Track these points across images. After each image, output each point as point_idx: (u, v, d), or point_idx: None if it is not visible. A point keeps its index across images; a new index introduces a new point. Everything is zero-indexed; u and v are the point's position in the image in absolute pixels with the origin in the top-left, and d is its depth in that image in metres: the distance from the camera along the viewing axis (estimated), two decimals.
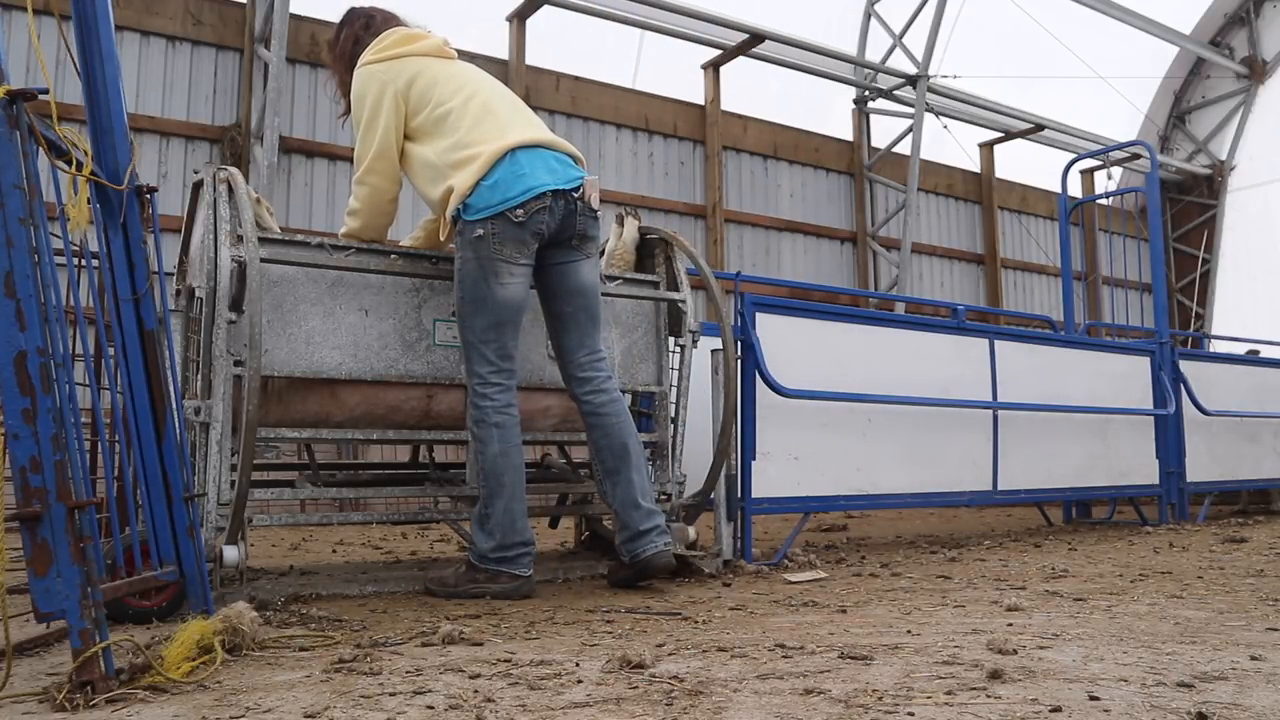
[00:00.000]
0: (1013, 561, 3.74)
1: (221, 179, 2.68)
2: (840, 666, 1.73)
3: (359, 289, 2.90)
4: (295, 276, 2.81)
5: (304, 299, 2.82)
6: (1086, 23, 11.90)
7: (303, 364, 2.79)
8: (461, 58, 3.08)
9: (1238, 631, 2.09)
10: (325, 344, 2.83)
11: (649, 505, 2.93)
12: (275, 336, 2.74)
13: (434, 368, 3.00)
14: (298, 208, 7.93)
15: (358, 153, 2.96)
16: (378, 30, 2.99)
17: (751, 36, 9.73)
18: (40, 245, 1.61)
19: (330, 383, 2.86)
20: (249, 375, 2.45)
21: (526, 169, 2.75)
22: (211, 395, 2.59)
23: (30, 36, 6.22)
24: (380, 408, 2.94)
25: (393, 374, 2.92)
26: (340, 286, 2.88)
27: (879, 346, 4.22)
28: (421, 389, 2.99)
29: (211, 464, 2.56)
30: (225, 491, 2.55)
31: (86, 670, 1.53)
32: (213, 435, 2.56)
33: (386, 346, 2.92)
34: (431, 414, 3.03)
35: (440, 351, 3.01)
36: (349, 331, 2.87)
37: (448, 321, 3.02)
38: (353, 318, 2.88)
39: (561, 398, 3.22)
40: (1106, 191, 12.86)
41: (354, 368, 2.86)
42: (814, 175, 11.18)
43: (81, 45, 1.93)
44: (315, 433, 2.87)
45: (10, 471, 1.54)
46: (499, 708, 1.46)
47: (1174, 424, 5.58)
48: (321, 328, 2.83)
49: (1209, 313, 14.20)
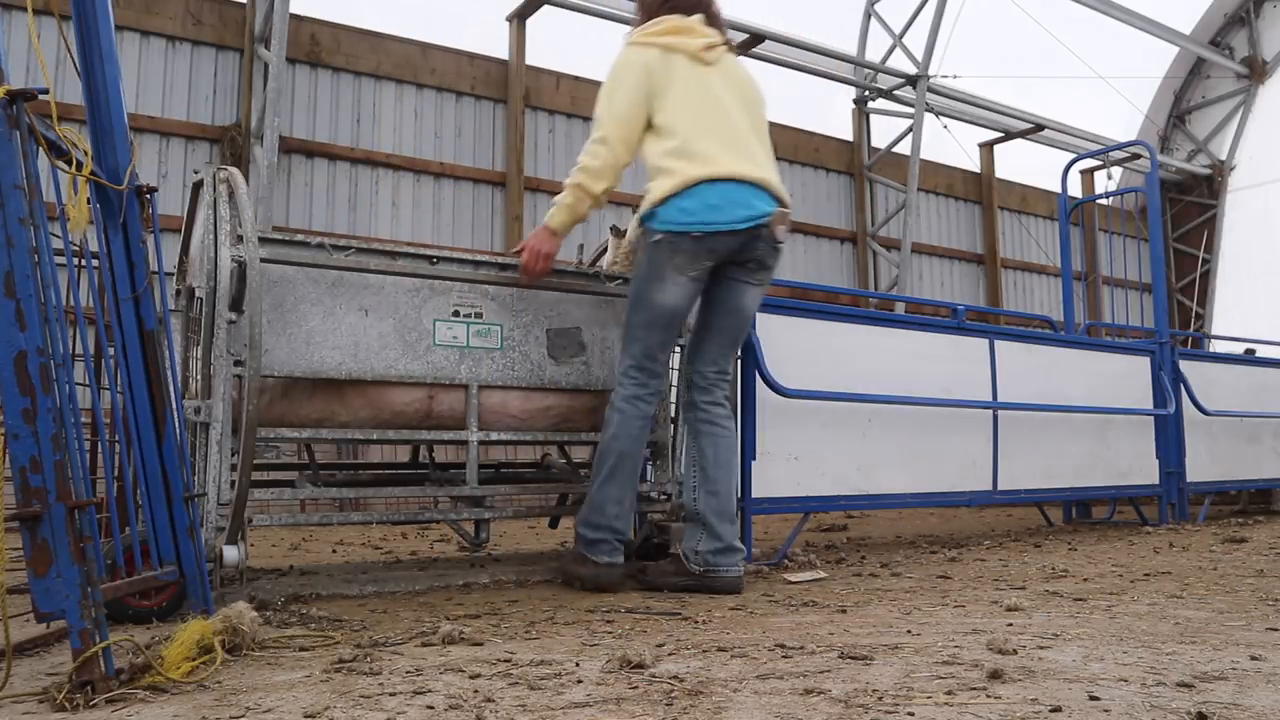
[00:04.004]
0: (1013, 561, 3.74)
1: (222, 179, 2.68)
2: (840, 666, 1.73)
3: (359, 289, 2.90)
4: (295, 277, 2.81)
5: (304, 299, 2.81)
6: (1086, 23, 11.91)
7: (302, 364, 2.79)
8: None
9: (1238, 631, 2.09)
10: (325, 344, 2.82)
11: (736, 525, 3.02)
12: (275, 336, 2.74)
13: (434, 368, 2.99)
14: (298, 208, 7.93)
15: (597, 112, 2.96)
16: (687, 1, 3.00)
17: (751, 36, 9.73)
18: (40, 245, 1.61)
19: (334, 384, 2.86)
20: (249, 375, 2.45)
21: (718, 201, 2.83)
22: (211, 395, 2.59)
23: (30, 36, 6.22)
24: (385, 412, 2.94)
25: (393, 374, 2.92)
26: (340, 287, 2.87)
27: (879, 346, 4.21)
28: (423, 389, 2.99)
29: (211, 464, 2.55)
30: (225, 491, 2.55)
31: (86, 670, 1.53)
32: (213, 435, 2.56)
33: (386, 347, 2.92)
34: (433, 415, 3.03)
35: (440, 352, 3.01)
36: (349, 332, 2.86)
37: (447, 322, 3.02)
38: (352, 318, 2.88)
39: (562, 397, 3.22)
40: (1106, 191, 12.85)
41: (354, 368, 2.86)
42: (814, 175, 11.18)
43: (81, 45, 1.93)
44: (315, 432, 2.87)
45: (10, 471, 1.54)
46: (499, 708, 1.46)
47: (1174, 424, 5.58)
48: (321, 327, 2.83)
49: (1209, 313, 14.20)
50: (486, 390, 3.08)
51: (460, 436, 3.04)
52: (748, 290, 3.01)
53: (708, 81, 2.93)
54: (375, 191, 8.31)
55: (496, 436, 3.11)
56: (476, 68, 8.88)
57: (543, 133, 9.24)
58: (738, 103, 2.98)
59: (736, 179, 2.86)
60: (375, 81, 8.41)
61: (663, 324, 2.91)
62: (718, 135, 2.89)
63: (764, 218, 2.89)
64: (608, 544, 2.92)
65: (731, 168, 2.86)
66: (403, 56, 8.53)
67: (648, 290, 2.89)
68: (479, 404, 3.05)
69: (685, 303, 2.92)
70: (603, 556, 2.91)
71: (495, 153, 8.91)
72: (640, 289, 2.91)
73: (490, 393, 3.09)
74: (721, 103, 2.93)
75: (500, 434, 3.13)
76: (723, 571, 2.91)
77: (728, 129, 2.92)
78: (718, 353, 3.04)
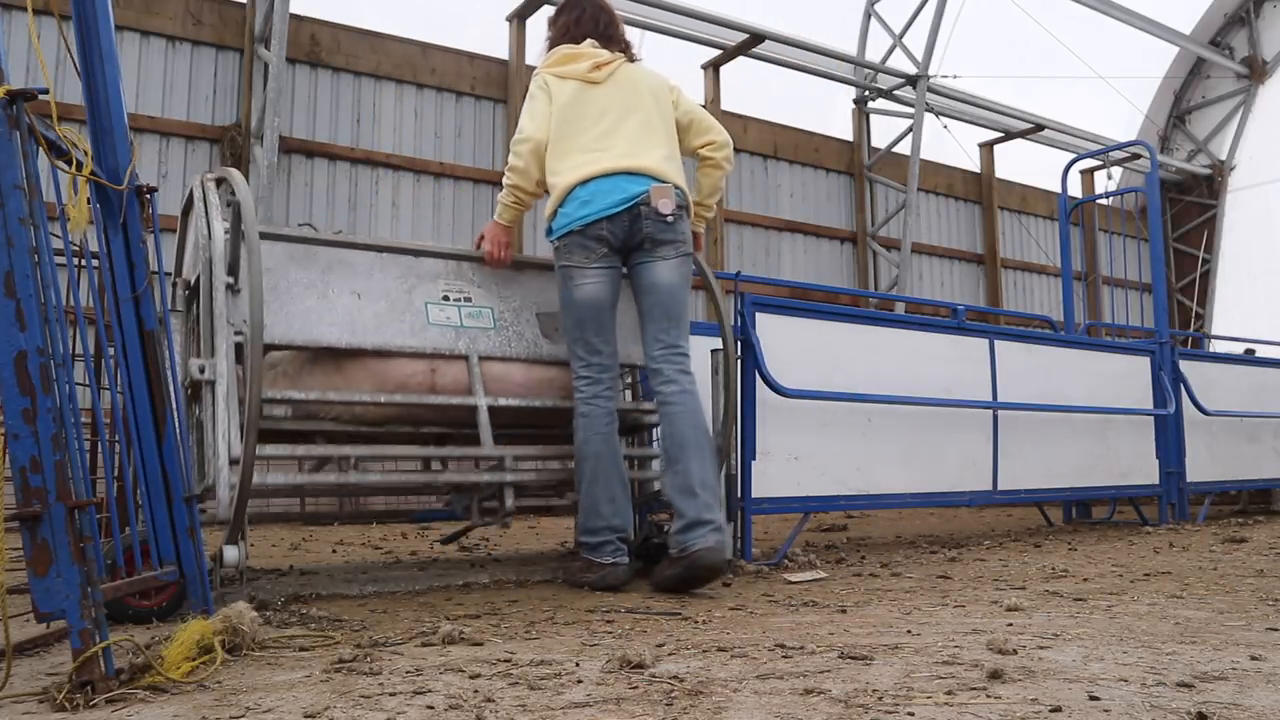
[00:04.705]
0: (1013, 561, 3.74)
1: (209, 178, 2.78)
2: (840, 666, 1.73)
3: (349, 275, 2.98)
4: (286, 263, 2.87)
5: (296, 283, 2.88)
6: (1086, 23, 11.90)
7: (300, 337, 2.82)
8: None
9: (1238, 631, 2.09)
10: (322, 321, 2.87)
11: (707, 497, 2.86)
12: (272, 315, 2.75)
13: (432, 342, 3.02)
14: (297, 208, 7.93)
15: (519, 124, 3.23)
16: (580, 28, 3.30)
17: (751, 36, 9.73)
18: (40, 245, 1.61)
19: (334, 359, 2.88)
20: (250, 374, 2.45)
21: (589, 196, 3.01)
22: (215, 354, 2.59)
23: (30, 36, 6.22)
24: (389, 385, 2.92)
25: (392, 346, 2.94)
26: (331, 273, 2.95)
27: (879, 346, 4.21)
28: (424, 361, 3.00)
29: (220, 420, 2.54)
30: (235, 445, 2.53)
31: (86, 670, 1.53)
32: (219, 391, 2.56)
33: (382, 325, 2.96)
34: (436, 388, 3.01)
35: (436, 329, 3.05)
36: (344, 311, 2.92)
37: (439, 305, 3.09)
38: (346, 299, 2.94)
39: (563, 371, 3.23)
40: (1106, 191, 12.85)
41: (352, 340, 2.89)
42: (814, 175, 11.18)
43: (81, 45, 1.93)
44: (322, 394, 2.82)
45: (10, 471, 1.54)
46: (499, 708, 1.46)
47: (1174, 424, 5.58)
48: (317, 307, 2.88)
49: (1209, 312, 14.20)
50: (488, 362, 3.09)
51: (467, 401, 2.99)
52: (655, 266, 3.07)
53: (590, 96, 3.14)
54: (375, 191, 8.31)
55: (504, 402, 3.06)
56: (476, 68, 8.88)
57: None
58: (627, 107, 3.14)
59: (607, 174, 3.03)
60: (375, 81, 8.41)
61: (590, 316, 3.04)
62: (593, 144, 3.08)
63: (637, 197, 3.01)
64: (610, 544, 2.94)
65: (600, 166, 3.03)
66: (403, 56, 8.53)
67: (566, 293, 3.07)
68: (482, 374, 3.05)
69: (602, 291, 3.04)
70: (607, 557, 2.92)
71: (495, 153, 8.91)
72: (563, 296, 3.10)
73: (491, 364, 3.10)
74: (604, 114, 3.12)
75: (507, 400, 3.08)
76: (691, 545, 2.77)
77: (605, 137, 3.09)
78: (655, 331, 3.08)
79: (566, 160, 3.08)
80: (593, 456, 2.97)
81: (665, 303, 3.09)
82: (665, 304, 3.09)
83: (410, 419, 3.03)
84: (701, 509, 2.83)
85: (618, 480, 2.98)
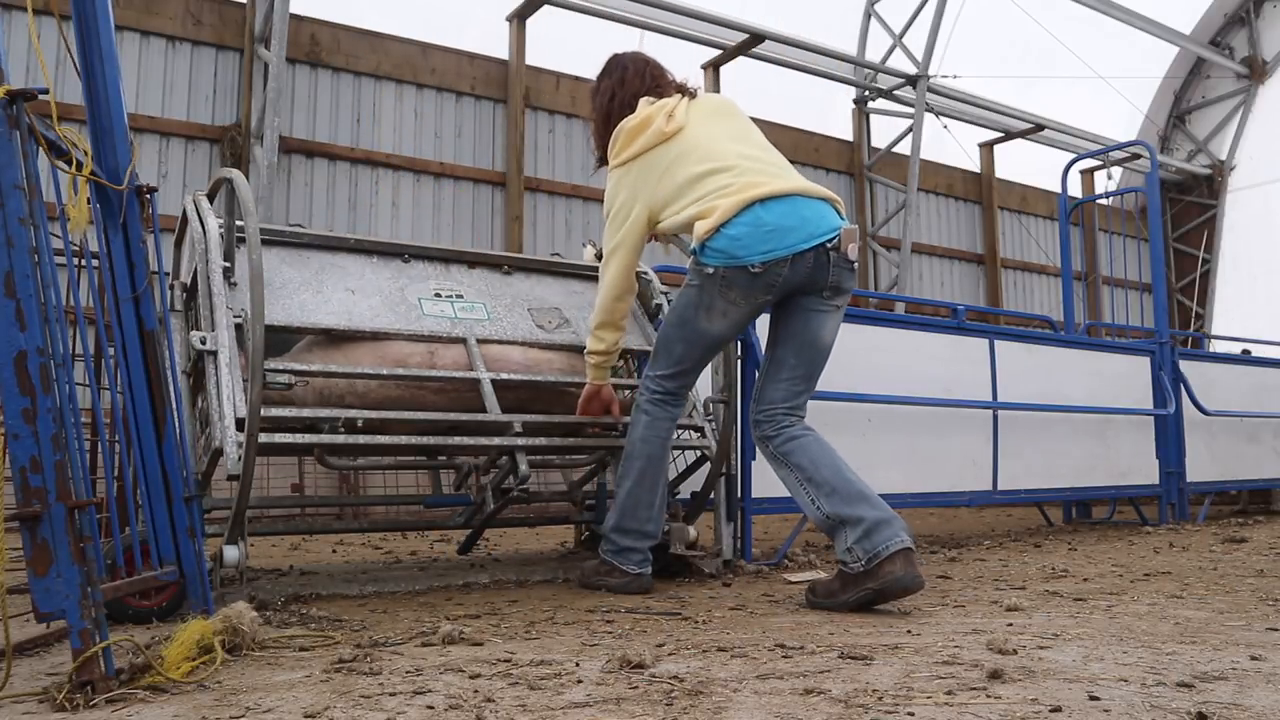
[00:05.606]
0: (1013, 561, 3.74)
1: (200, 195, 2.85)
2: (840, 666, 1.73)
3: (342, 275, 3.04)
4: (278, 264, 2.94)
5: (290, 280, 2.93)
6: (1086, 23, 11.90)
7: (298, 322, 2.84)
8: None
9: (1238, 631, 2.09)
10: (319, 310, 2.90)
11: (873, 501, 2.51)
12: (269, 306, 2.75)
13: (429, 328, 3.03)
14: (297, 208, 7.93)
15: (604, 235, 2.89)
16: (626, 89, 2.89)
17: (751, 36, 9.73)
18: (40, 245, 1.61)
19: (333, 343, 2.89)
20: (250, 375, 2.45)
21: (775, 224, 2.56)
22: (215, 327, 2.61)
23: (30, 36, 6.22)
24: (389, 362, 2.92)
25: (390, 330, 2.95)
26: (325, 273, 3.00)
27: (879, 346, 4.21)
28: (422, 344, 3.00)
29: (224, 385, 2.53)
30: (240, 407, 2.51)
31: (86, 670, 1.53)
32: (221, 360, 2.56)
33: (378, 315, 2.98)
34: (436, 367, 2.99)
35: (432, 319, 3.06)
36: (340, 304, 2.95)
37: (431, 300, 3.11)
38: (341, 294, 2.99)
39: (560, 353, 3.21)
40: (1106, 191, 12.85)
41: (350, 325, 2.90)
42: (814, 175, 11.15)
43: (81, 45, 1.93)
44: (324, 366, 2.78)
45: (10, 471, 1.54)
46: (499, 708, 1.46)
47: (1174, 424, 5.58)
48: (314, 300, 2.92)
49: (1209, 312, 14.20)
50: (486, 344, 3.08)
51: (470, 375, 2.94)
52: (826, 319, 2.69)
53: (685, 142, 2.73)
54: (375, 191, 8.31)
55: (506, 376, 2.99)
56: (476, 68, 8.88)
57: (543, 133, 9.24)
58: (734, 132, 2.79)
59: (788, 194, 2.60)
60: (375, 81, 8.41)
61: (704, 346, 2.78)
62: (733, 165, 2.66)
63: (831, 235, 2.59)
64: (639, 552, 2.81)
65: (776, 186, 2.60)
66: (403, 56, 8.53)
67: (695, 316, 2.69)
68: (481, 354, 3.03)
69: (734, 331, 2.78)
70: (633, 566, 2.81)
71: (495, 153, 8.91)
72: (686, 312, 2.71)
73: (489, 346, 3.09)
74: (714, 143, 2.72)
75: (509, 374, 3.01)
76: (883, 549, 2.41)
77: (746, 158, 2.69)
78: (791, 390, 2.71)
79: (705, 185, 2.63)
80: (644, 457, 2.79)
81: (818, 362, 2.74)
82: (818, 363, 2.74)
83: (414, 402, 2.92)
84: (878, 508, 2.49)
85: (662, 489, 2.84)
